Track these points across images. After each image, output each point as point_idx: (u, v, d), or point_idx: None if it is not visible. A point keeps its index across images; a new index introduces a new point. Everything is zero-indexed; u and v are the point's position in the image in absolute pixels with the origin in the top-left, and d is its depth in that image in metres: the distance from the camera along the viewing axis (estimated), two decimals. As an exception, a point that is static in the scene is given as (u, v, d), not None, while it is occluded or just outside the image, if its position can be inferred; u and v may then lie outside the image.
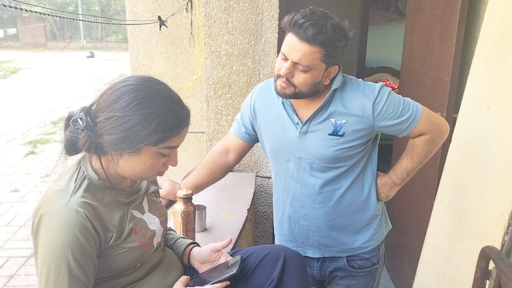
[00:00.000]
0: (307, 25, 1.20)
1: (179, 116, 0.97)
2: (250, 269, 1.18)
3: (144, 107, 0.92)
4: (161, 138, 0.95)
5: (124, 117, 0.92)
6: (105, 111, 0.93)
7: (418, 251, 2.13)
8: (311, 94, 1.31)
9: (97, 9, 21.96)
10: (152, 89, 0.96)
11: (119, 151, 0.95)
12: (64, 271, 0.91)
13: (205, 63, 2.33)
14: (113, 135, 0.93)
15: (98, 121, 0.94)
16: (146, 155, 0.96)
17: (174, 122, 0.96)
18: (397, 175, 1.44)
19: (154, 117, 0.92)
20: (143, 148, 0.94)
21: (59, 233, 0.90)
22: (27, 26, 19.92)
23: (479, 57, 1.76)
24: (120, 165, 0.98)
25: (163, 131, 0.94)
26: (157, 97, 0.94)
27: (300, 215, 1.45)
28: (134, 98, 0.92)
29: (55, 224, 0.91)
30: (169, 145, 0.98)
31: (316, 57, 1.23)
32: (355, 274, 1.49)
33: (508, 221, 1.44)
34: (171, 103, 0.97)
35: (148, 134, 0.92)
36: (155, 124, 0.92)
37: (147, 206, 1.12)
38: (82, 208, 0.92)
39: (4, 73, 12.84)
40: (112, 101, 0.93)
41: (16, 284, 3.01)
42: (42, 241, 0.92)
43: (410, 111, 1.33)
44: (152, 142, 0.94)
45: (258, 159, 2.41)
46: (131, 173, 1.00)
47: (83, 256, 0.92)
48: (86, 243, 0.92)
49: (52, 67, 14.47)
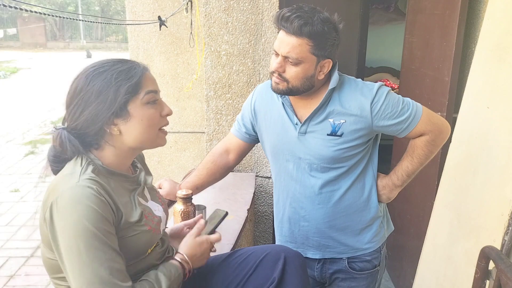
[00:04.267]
0: (293, 18, 1.21)
1: (131, 63, 1.03)
2: (251, 269, 1.18)
3: (97, 76, 0.98)
4: (131, 87, 0.99)
5: (86, 93, 0.97)
6: (70, 103, 1.00)
7: (418, 251, 2.13)
8: (305, 89, 1.30)
9: (97, 9, 21.96)
10: (93, 64, 1.01)
11: (109, 123, 0.99)
12: (94, 244, 0.90)
13: (205, 63, 2.32)
14: (88, 112, 0.97)
15: (68, 113, 1.00)
16: (136, 111, 1.00)
17: (130, 69, 1.01)
18: (398, 176, 1.43)
19: (111, 76, 0.98)
20: (127, 107, 0.99)
21: (75, 211, 0.90)
22: (27, 26, 19.92)
23: (479, 57, 1.76)
24: (124, 137, 1.02)
25: (127, 79, 0.99)
26: (102, 65, 1.00)
27: (300, 215, 1.45)
28: (85, 77, 0.98)
29: (69, 204, 0.91)
30: (147, 90, 1.02)
31: (304, 49, 1.23)
32: (356, 276, 1.48)
33: (508, 221, 1.44)
34: (116, 61, 1.02)
35: (117, 91, 0.97)
36: (115, 80, 0.98)
37: (148, 195, 1.15)
38: (94, 185, 0.93)
39: (4, 73, 12.84)
40: (70, 94, 1.00)
41: (16, 284, 3.01)
42: (60, 224, 0.91)
43: (409, 111, 1.33)
44: (128, 94, 0.98)
45: (258, 159, 2.41)
46: (139, 139, 1.03)
47: (106, 225, 0.93)
48: (105, 214, 0.93)
49: (52, 67, 14.47)
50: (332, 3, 1.79)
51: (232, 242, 1.63)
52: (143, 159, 1.23)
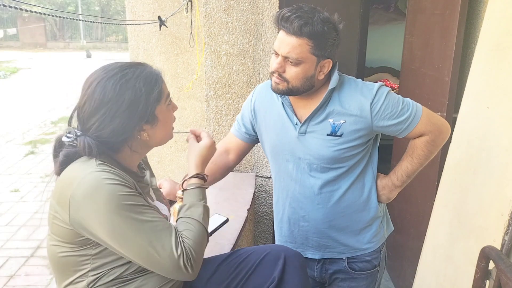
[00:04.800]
0: (293, 18, 1.21)
1: (148, 67, 1.05)
2: (251, 269, 1.18)
3: (125, 84, 0.98)
4: (159, 93, 1.03)
5: (116, 102, 0.97)
6: (95, 112, 0.97)
7: (418, 251, 2.13)
8: (305, 89, 1.30)
9: (97, 9, 21.97)
10: (117, 67, 1.01)
11: (139, 130, 1.02)
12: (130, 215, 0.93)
13: (205, 63, 2.32)
14: (118, 122, 0.97)
15: (94, 122, 0.97)
16: (162, 115, 1.05)
17: (152, 75, 1.03)
18: (398, 177, 1.43)
19: (139, 84, 0.99)
20: (155, 112, 1.02)
21: (99, 194, 0.92)
22: (27, 26, 19.92)
23: (479, 57, 1.76)
24: (150, 140, 1.06)
25: (153, 86, 1.02)
26: (123, 71, 1.00)
27: (299, 215, 1.45)
28: (111, 85, 0.97)
29: (90, 190, 0.92)
30: (167, 93, 1.07)
31: (304, 50, 1.23)
32: (355, 276, 1.48)
33: (508, 221, 1.44)
34: (134, 66, 1.03)
35: (148, 99, 1.00)
36: (144, 88, 1.00)
37: (153, 195, 1.17)
38: (110, 171, 0.96)
39: (4, 73, 12.84)
40: (96, 102, 0.97)
41: (16, 284, 3.01)
42: (92, 215, 0.92)
43: (409, 111, 1.32)
44: (157, 100, 1.02)
45: (258, 159, 2.41)
46: (163, 139, 1.09)
47: (131, 192, 0.95)
48: (127, 183, 0.96)
49: (52, 67, 14.47)
50: (332, 3, 1.79)
51: (232, 242, 1.64)
52: (146, 160, 1.24)
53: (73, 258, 0.99)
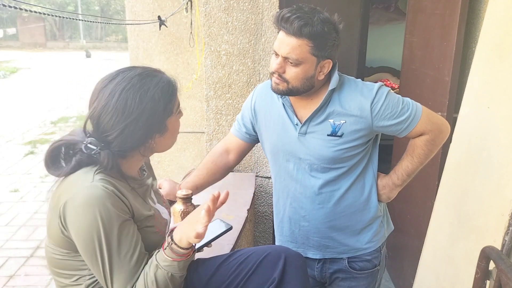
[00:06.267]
0: (293, 18, 1.20)
1: (168, 77, 1.05)
2: (251, 269, 1.18)
3: (145, 93, 0.97)
4: (173, 104, 1.04)
5: (139, 114, 0.97)
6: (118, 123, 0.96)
7: (418, 251, 2.13)
8: (305, 89, 1.30)
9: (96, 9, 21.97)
10: (136, 76, 1.00)
11: (152, 139, 1.02)
12: (109, 241, 0.93)
13: (205, 63, 2.32)
14: (141, 133, 0.98)
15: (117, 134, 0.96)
16: (171, 124, 1.06)
17: (171, 84, 1.04)
18: (398, 176, 1.43)
19: (158, 95, 0.99)
20: (167, 122, 1.03)
21: (91, 211, 0.91)
22: (27, 26, 19.92)
23: (479, 57, 1.75)
24: (157, 147, 1.06)
25: (170, 96, 1.02)
26: (145, 80, 1.00)
27: (300, 215, 1.45)
28: (132, 94, 0.96)
29: (84, 203, 0.92)
30: (178, 103, 1.08)
31: (304, 50, 1.23)
32: (356, 275, 1.48)
33: (508, 221, 1.43)
34: (154, 72, 1.03)
35: (165, 110, 1.00)
36: (163, 99, 1.00)
37: (155, 198, 1.17)
38: (108, 185, 0.95)
39: (4, 73, 12.84)
40: (118, 112, 0.96)
41: (16, 284, 3.01)
42: (75, 226, 0.93)
43: (409, 111, 1.32)
44: (171, 112, 1.03)
45: (258, 159, 2.41)
46: (169, 146, 1.10)
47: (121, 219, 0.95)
48: (119, 211, 0.95)
49: (51, 67, 14.47)
50: (332, 3, 1.79)
51: (232, 242, 1.63)
52: (149, 163, 1.25)
53: (70, 262, 1.00)
